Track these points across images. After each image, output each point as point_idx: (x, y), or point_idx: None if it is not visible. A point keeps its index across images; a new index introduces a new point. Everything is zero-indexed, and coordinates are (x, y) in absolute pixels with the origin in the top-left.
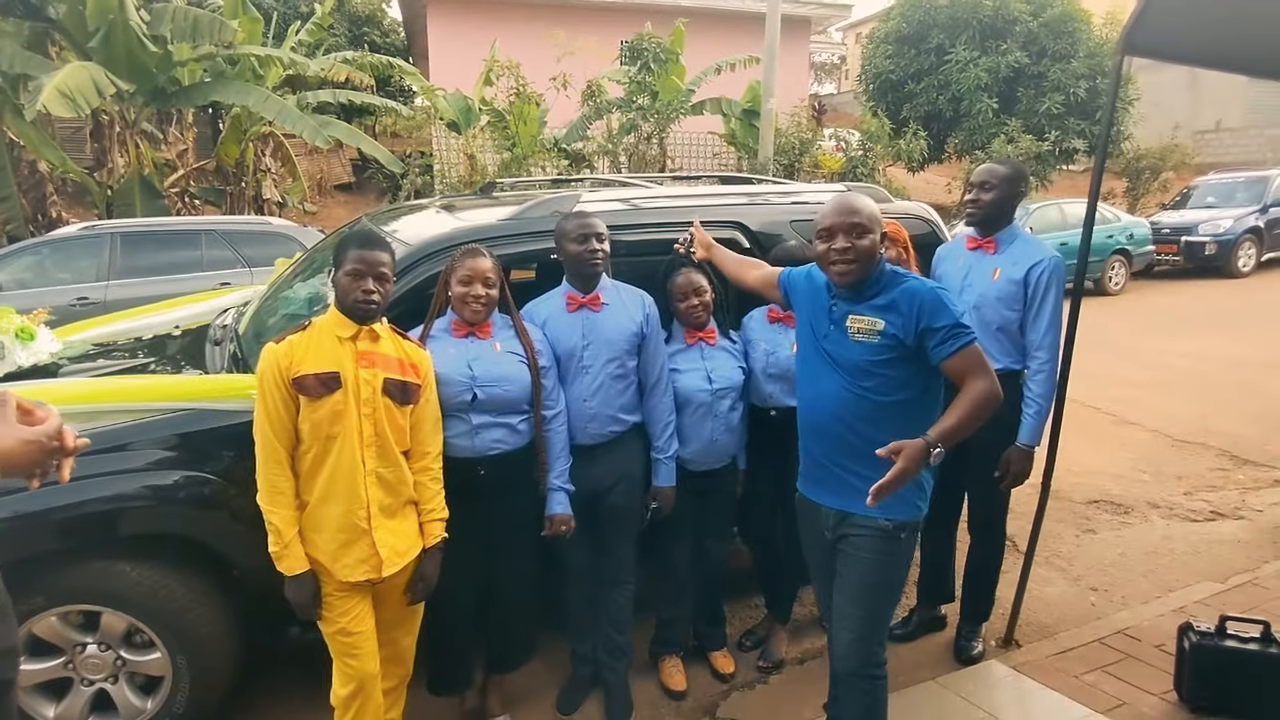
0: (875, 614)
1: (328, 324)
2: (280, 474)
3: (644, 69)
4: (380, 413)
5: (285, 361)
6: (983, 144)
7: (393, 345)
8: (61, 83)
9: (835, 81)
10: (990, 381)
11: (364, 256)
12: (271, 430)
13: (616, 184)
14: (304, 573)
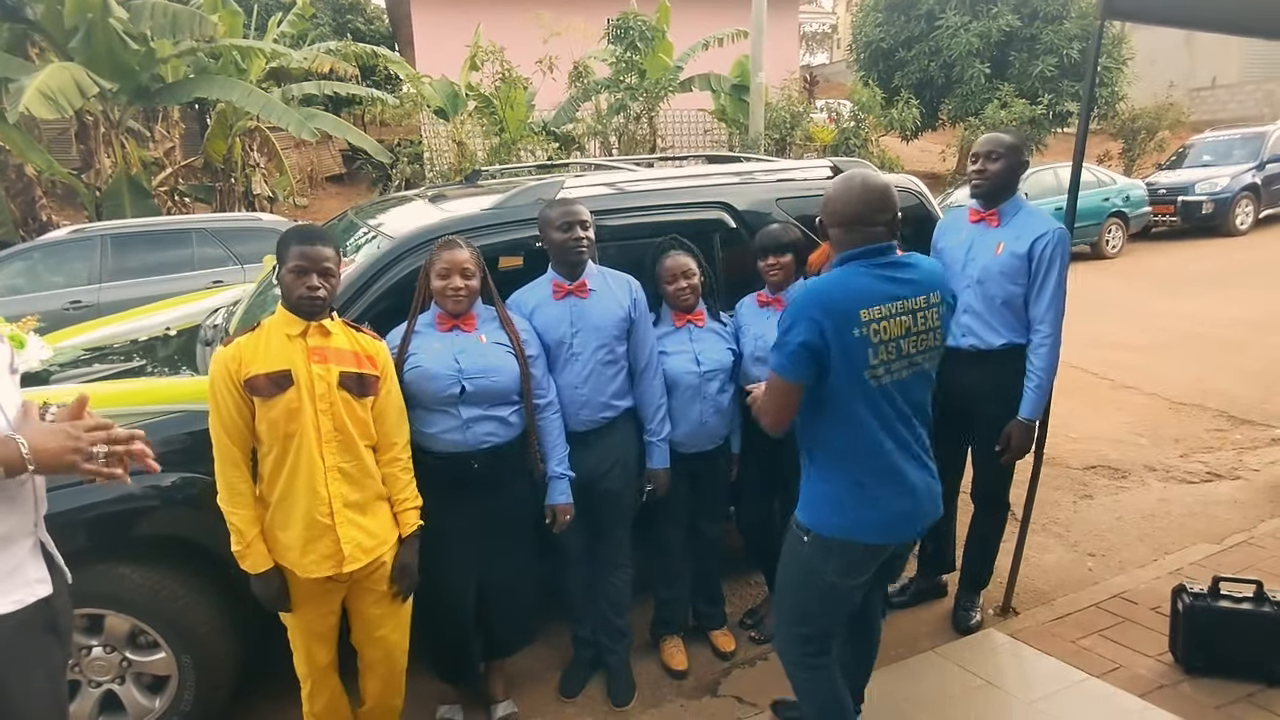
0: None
1: (276, 323)
2: (238, 475)
3: (630, 48)
4: (339, 406)
5: (234, 365)
6: (976, 110)
7: (346, 338)
8: (43, 84)
9: (827, 51)
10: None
11: (306, 252)
12: (225, 433)
13: (601, 168)
14: (267, 570)
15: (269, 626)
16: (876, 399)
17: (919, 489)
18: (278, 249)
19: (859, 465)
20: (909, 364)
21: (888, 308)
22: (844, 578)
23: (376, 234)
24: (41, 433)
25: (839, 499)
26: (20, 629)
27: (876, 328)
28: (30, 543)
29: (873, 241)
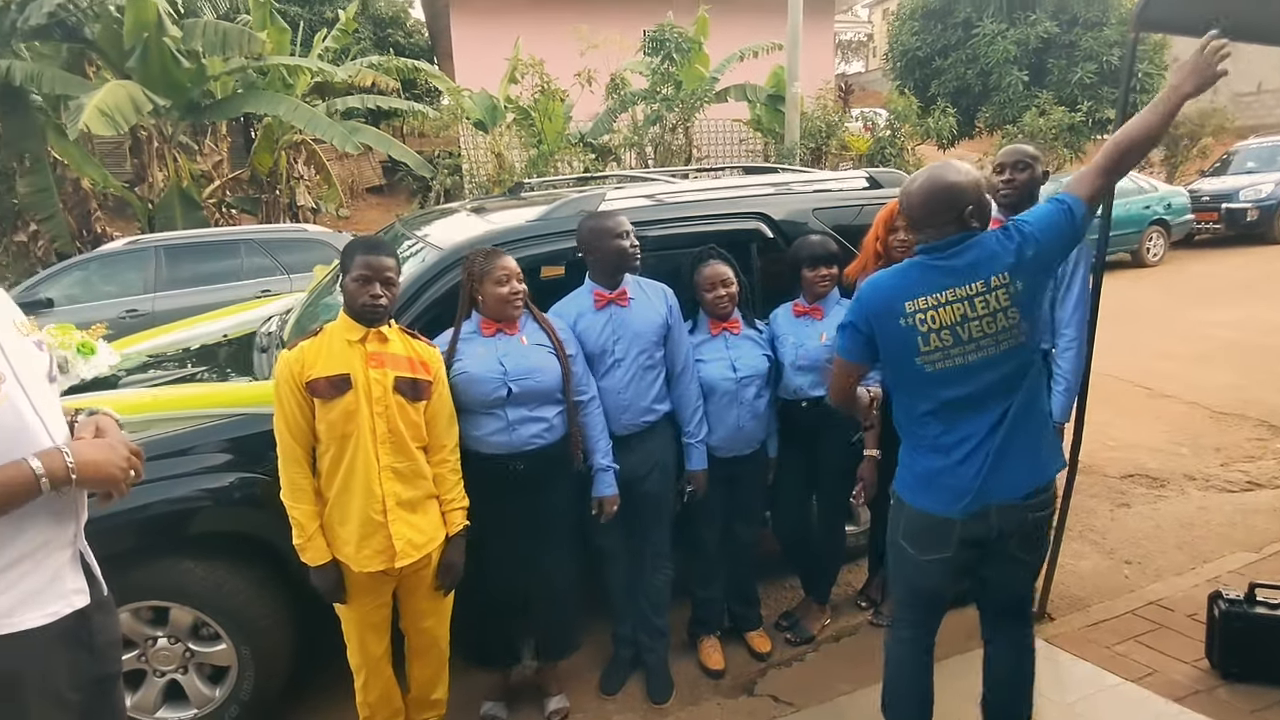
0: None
1: (338, 328)
2: (299, 472)
3: (666, 59)
4: (393, 410)
5: (298, 367)
6: (1013, 118)
7: (402, 345)
8: (101, 101)
9: (863, 59)
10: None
11: (370, 262)
12: (289, 432)
13: (640, 180)
14: (326, 563)
15: (322, 620)
16: (934, 382)
17: (979, 467)
18: (342, 258)
19: (918, 440)
20: (976, 348)
21: (937, 297)
22: (914, 545)
23: (424, 245)
24: (89, 447)
25: (906, 465)
26: (53, 643)
27: (923, 317)
28: (69, 553)
29: (942, 237)
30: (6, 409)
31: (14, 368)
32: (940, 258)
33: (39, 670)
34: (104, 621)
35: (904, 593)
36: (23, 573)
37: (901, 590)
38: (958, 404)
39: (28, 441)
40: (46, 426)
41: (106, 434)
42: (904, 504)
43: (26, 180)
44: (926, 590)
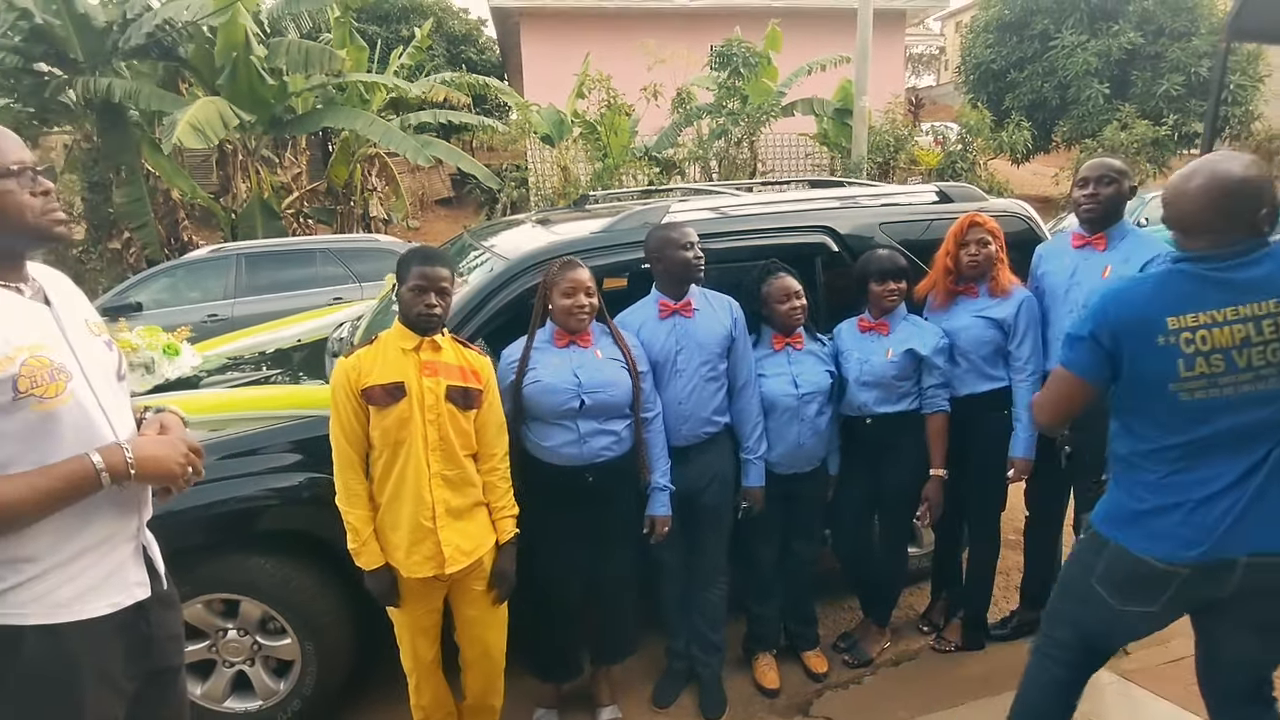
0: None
1: (393, 337)
2: (355, 477)
3: (733, 74)
4: (444, 418)
5: (354, 374)
6: (1093, 131)
7: (454, 354)
8: (192, 117)
9: (934, 73)
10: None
11: (425, 272)
12: (345, 438)
13: (704, 192)
14: (379, 567)
15: (381, 621)
16: (1186, 414)
17: (1224, 512)
18: (398, 268)
19: (1142, 473)
20: (1254, 378)
21: (1213, 314)
22: (1113, 591)
23: (491, 255)
24: (149, 444)
25: (1119, 500)
26: (113, 633)
27: (1190, 336)
28: (132, 547)
29: (1224, 244)
30: (73, 406)
31: (82, 366)
32: (1218, 268)
33: (97, 658)
34: (164, 615)
35: (1073, 636)
36: (87, 564)
37: (1069, 632)
38: (1212, 440)
39: (93, 437)
40: (111, 423)
41: (170, 431)
42: (1107, 542)
43: (122, 191)
44: (1104, 641)
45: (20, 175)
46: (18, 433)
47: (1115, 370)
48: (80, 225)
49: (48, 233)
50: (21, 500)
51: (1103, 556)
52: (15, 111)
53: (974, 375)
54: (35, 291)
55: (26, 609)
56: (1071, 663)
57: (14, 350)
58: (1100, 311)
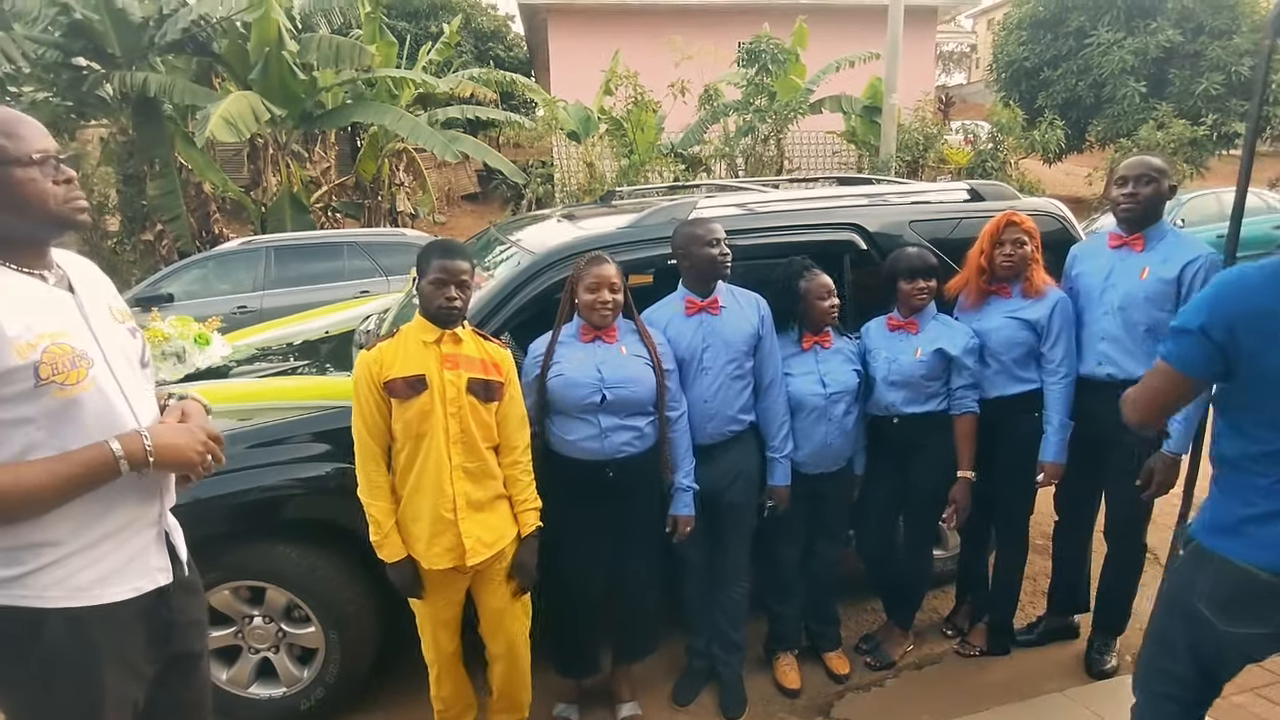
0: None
1: (414, 330)
2: (376, 470)
3: (761, 70)
4: (466, 410)
5: (376, 368)
6: (1128, 131)
7: (475, 347)
8: (225, 111)
9: (965, 71)
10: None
11: (445, 265)
12: (366, 430)
13: (731, 189)
14: (402, 559)
15: (404, 612)
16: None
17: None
18: (419, 261)
19: (1255, 477)
20: None
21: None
22: (1219, 611)
23: (517, 249)
24: (167, 431)
25: (1224, 509)
26: (133, 618)
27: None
28: (154, 532)
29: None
30: (94, 393)
31: (105, 353)
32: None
33: (118, 642)
34: (186, 601)
35: (1189, 666)
36: (109, 549)
37: (1184, 662)
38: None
39: (114, 424)
40: (134, 410)
41: (190, 419)
42: (1210, 555)
43: (156, 184)
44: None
45: (43, 164)
46: (40, 419)
47: (1228, 366)
48: (115, 217)
49: (70, 220)
50: (41, 486)
51: (1205, 571)
52: (54, 105)
53: (1004, 377)
54: (59, 279)
55: (48, 592)
56: (1191, 700)
57: (36, 337)
58: (1214, 302)
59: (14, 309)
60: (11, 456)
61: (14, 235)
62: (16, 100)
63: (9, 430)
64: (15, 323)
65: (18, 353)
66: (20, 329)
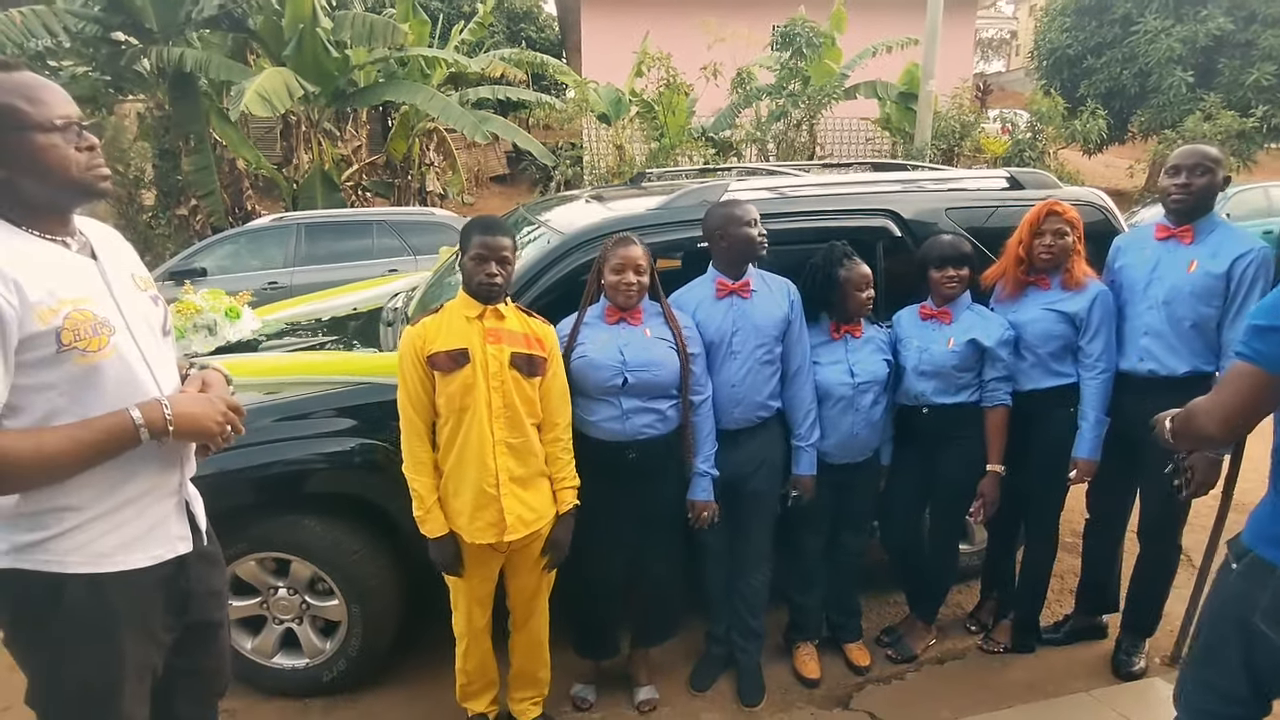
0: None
1: (457, 305)
2: (420, 445)
3: (796, 54)
4: (509, 385)
5: (420, 342)
6: (1173, 122)
7: (518, 322)
8: (260, 86)
9: (1004, 59)
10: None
11: (487, 242)
12: (411, 405)
13: (763, 172)
14: (444, 535)
15: (427, 588)
16: None
17: None
18: (461, 237)
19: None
20: None
21: None
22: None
23: (546, 229)
24: (187, 400)
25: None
26: (152, 585)
27: None
28: (174, 501)
29: None
30: (115, 360)
31: (127, 320)
32: None
33: (137, 608)
34: (205, 571)
35: (1225, 681)
36: (129, 516)
37: (1219, 678)
38: None
39: (135, 391)
40: (155, 377)
41: (211, 388)
42: (1273, 568)
43: (191, 159)
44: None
45: (65, 130)
46: (62, 385)
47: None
48: (150, 192)
49: (92, 188)
50: (62, 451)
51: (1266, 586)
52: (93, 80)
53: (1039, 370)
54: (81, 245)
55: (69, 557)
56: (1241, 717)
57: (58, 303)
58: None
59: (36, 275)
60: (33, 422)
61: (36, 201)
62: (56, 74)
63: (31, 396)
64: (38, 288)
65: (40, 318)
66: (43, 294)
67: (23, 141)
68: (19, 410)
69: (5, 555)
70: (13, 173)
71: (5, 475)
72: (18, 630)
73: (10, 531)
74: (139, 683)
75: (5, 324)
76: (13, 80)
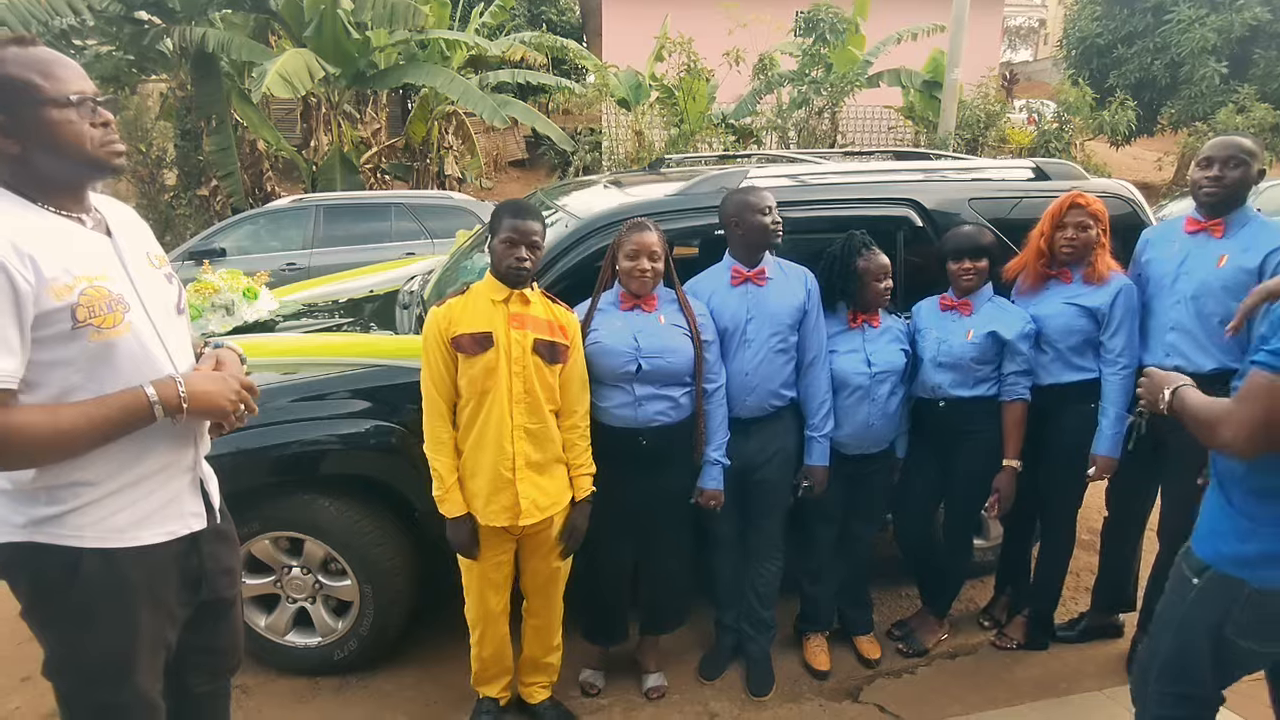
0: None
1: (483, 288)
2: (442, 425)
3: (819, 40)
4: (530, 371)
5: (445, 323)
6: (1205, 114)
7: (543, 308)
8: (281, 67)
9: (1030, 48)
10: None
11: (518, 226)
12: (434, 386)
13: (783, 159)
14: (462, 516)
15: (440, 572)
16: None
17: None
18: (491, 220)
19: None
20: None
21: None
22: (1255, 637)
23: (563, 214)
24: (201, 378)
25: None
26: (166, 561)
27: None
28: (189, 479)
29: None
30: (130, 338)
31: (142, 297)
32: None
33: (151, 583)
34: (217, 549)
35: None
36: (144, 492)
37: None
38: None
39: (150, 369)
40: (170, 354)
41: (225, 367)
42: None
43: (212, 140)
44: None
45: (80, 105)
46: (77, 361)
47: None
48: (172, 172)
49: (106, 164)
50: (77, 427)
51: (1238, 601)
52: (116, 59)
53: (1059, 364)
54: (97, 222)
55: (84, 532)
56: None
57: (73, 280)
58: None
59: (52, 251)
60: (49, 398)
61: (51, 177)
62: (79, 53)
63: (47, 372)
64: (53, 265)
65: (55, 295)
66: (58, 271)
67: (37, 116)
68: (35, 386)
69: (23, 529)
70: (27, 148)
71: (22, 450)
72: (36, 603)
73: (28, 505)
74: (153, 656)
75: (21, 300)
76: (29, 55)
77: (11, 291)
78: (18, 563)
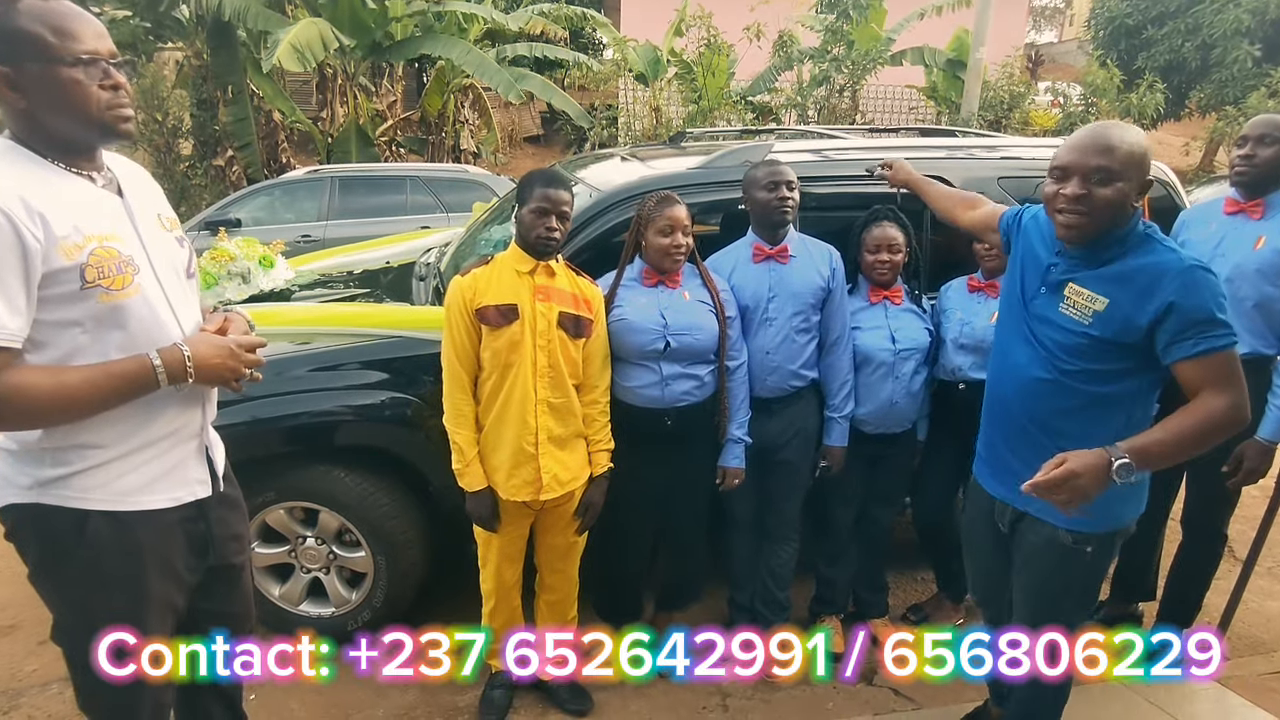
0: (1046, 620)
1: (509, 259)
2: (463, 398)
3: (841, 17)
4: (555, 344)
5: (469, 294)
6: (1236, 98)
7: (568, 280)
8: (294, 38)
9: (1056, 29)
10: (1232, 401)
11: (549, 195)
12: (456, 357)
13: (808, 135)
14: (483, 489)
15: (453, 544)
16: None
17: None
18: (520, 189)
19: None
20: None
21: None
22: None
23: (583, 186)
24: (205, 344)
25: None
26: (173, 526)
27: None
28: (195, 445)
29: None
30: (139, 300)
31: (151, 259)
32: None
33: (159, 547)
34: (225, 516)
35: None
36: (150, 456)
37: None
38: None
39: (158, 332)
40: (178, 318)
41: (230, 332)
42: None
43: (228, 110)
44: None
45: (91, 65)
46: (85, 322)
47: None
48: (188, 141)
49: (112, 129)
50: (81, 391)
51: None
52: (133, 25)
53: None
54: (108, 181)
55: (91, 494)
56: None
57: (83, 239)
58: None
59: (62, 209)
60: (56, 359)
61: (57, 135)
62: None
63: (54, 332)
64: (63, 223)
65: (65, 253)
66: (68, 229)
67: (44, 73)
68: (42, 346)
69: (29, 490)
70: (33, 104)
71: (23, 410)
72: (43, 564)
73: (34, 466)
74: (161, 620)
75: (29, 257)
76: (45, 8)
77: (20, 248)
78: (25, 524)
